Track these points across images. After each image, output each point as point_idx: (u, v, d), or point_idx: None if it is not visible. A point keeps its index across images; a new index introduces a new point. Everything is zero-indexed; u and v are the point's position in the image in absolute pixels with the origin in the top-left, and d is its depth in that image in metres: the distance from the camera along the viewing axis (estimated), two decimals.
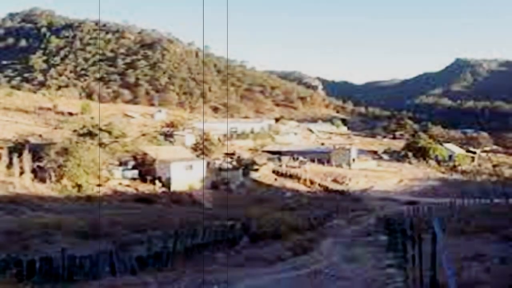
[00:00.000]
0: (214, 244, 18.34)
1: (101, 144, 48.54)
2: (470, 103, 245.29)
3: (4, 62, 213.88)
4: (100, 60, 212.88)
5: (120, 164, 49.41)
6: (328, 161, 76.74)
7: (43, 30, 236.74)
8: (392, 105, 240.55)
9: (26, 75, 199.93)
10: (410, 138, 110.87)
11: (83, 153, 40.91)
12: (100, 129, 52.44)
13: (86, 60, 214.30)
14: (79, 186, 39.76)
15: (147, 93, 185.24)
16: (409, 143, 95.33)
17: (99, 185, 42.18)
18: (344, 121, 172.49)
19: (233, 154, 73.56)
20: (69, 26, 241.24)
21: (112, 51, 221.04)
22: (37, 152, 40.82)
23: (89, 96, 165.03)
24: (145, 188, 46.38)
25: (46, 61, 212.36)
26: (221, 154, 71.05)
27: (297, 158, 76.67)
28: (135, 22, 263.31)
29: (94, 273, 12.61)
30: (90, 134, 50.52)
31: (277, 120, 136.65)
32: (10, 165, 37.57)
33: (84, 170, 40.44)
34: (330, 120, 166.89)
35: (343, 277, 10.82)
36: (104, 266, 13.04)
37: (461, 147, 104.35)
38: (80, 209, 30.37)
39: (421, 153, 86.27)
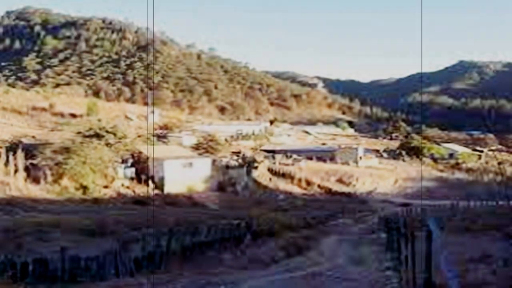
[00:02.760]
0: (220, 243, 18.22)
1: (107, 144, 48.53)
2: (477, 102, 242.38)
3: (3, 64, 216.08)
4: (107, 62, 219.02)
5: (122, 161, 49.34)
6: (332, 159, 76.45)
7: (37, 28, 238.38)
8: (390, 104, 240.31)
9: (20, 74, 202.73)
10: (404, 139, 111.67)
11: (89, 152, 40.14)
12: (107, 131, 52.41)
13: (92, 61, 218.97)
14: (84, 188, 38.74)
15: (142, 90, 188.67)
16: (403, 143, 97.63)
17: (105, 187, 41.88)
18: (350, 124, 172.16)
19: (239, 152, 75.18)
20: (71, 24, 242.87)
21: (116, 53, 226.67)
22: (30, 151, 39.91)
23: (96, 93, 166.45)
24: (140, 190, 44.91)
25: (40, 63, 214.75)
26: (228, 153, 71.70)
27: (291, 156, 76.57)
28: (134, 20, 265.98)
29: (101, 274, 12.48)
30: (97, 136, 50.33)
31: (271, 122, 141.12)
32: (7, 162, 37.13)
33: (91, 168, 39.68)
34: (334, 123, 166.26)
35: (347, 279, 10.60)
36: (110, 268, 12.90)
37: (466, 147, 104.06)
38: (82, 210, 30.16)
39: (414, 152, 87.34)
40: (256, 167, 63.40)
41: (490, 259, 8.93)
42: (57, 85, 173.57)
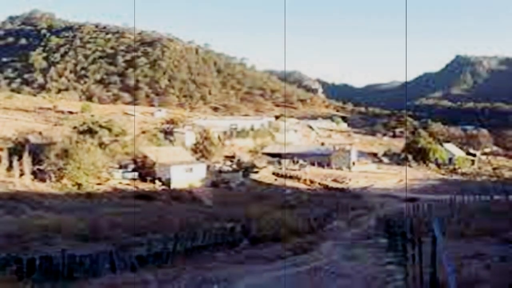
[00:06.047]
0: (214, 246, 18.57)
1: (101, 145, 48.51)
2: (470, 104, 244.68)
3: (4, 60, 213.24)
4: (100, 58, 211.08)
5: (120, 167, 49.84)
6: (328, 164, 76.65)
7: (43, 32, 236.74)
8: (393, 107, 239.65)
9: (26, 76, 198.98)
10: (410, 136, 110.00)
11: (83, 155, 41.35)
12: (101, 126, 52.39)
13: (86, 57, 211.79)
14: (79, 185, 40.32)
15: (147, 96, 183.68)
16: (409, 143, 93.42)
17: (99, 184, 42.46)
18: (344, 119, 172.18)
19: (233, 157, 72.94)
20: (69, 28, 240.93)
21: (112, 48, 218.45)
22: (37, 154, 41.30)
23: (89, 99, 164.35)
24: (145, 186, 47.36)
25: (46, 58, 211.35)
26: (221, 157, 70.61)
27: (297, 161, 76.38)
28: (134, 25, 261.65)
29: (94, 270, 12.69)
30: (90, 132, 50.44)
31: (277, 117, 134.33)
32: (10, 167, 37.86)
33: (84, 173, 41.02)
34: (330, 118, 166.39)
35: (343, 274, 10.76)
36: (104, 263, 13.13)
37: (461, 147, 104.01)
38: (80, 207, 30.51)
39: (421, 156, 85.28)
40: (256, 172, 63.41)
41: (483, 256, 9.22)
42: (59, 91, 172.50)
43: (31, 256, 13.25)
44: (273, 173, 66.16)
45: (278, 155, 78.49)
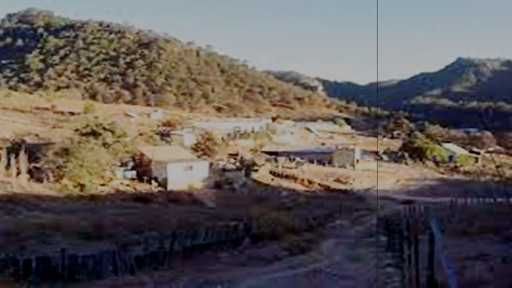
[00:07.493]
0: (217, 245, 18.37)
1: (105, 144, 48.37)
2: (473, 103, 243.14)
3: (3, 62, 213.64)
4: (104, 60, 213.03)
5: (122, 165, 49.33)
6: (330, 162, 75.58)
7: (40, 30, 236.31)
8: (391, 106, 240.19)
9: (22, 75, 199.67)
10: (406, 137, 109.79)
11: (86, 154, 40.37)
12: (104, 128, 52.13)
13: (89, 59, 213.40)
14: (81, 186, 39.53)
15: (144, 93, 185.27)
16: (405, 143, 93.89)
17: (102, 185, 42.13)
18: (347, 120, 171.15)
19: (236, 154, 72.93)
20: (70, 26, 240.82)
21: (114, 50, 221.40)
22: (33, 152, 40.33)
23: (93, 97, 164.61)
24: (142, 187, 46.23)
25: (43, 61, 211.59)
26: (225, 155, 70.41)
27: (294, 159, 75.59)
28: (134, 23, 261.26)
29: (98, 272, 12.58)
30: (94, 134, 50.21)
31: (274, 119, 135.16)
32: (8, 166, 37.46)
33: (88, 171, 40.02)
34: (332, 119, 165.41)
35: (346, 277, 10.64)
36: (107, 265, 13.04)
37: (463, 147, 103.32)
38: (81, 208, 30.23)
39: (417, 154, 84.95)
40: (256, 170, 63.03)
41: (487, 257, 9.06)
42: (58, 88, 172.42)
43: (28, 256, 13.09)
44: (270, 172, 65.48)
45: (275, 153, 78.14)
